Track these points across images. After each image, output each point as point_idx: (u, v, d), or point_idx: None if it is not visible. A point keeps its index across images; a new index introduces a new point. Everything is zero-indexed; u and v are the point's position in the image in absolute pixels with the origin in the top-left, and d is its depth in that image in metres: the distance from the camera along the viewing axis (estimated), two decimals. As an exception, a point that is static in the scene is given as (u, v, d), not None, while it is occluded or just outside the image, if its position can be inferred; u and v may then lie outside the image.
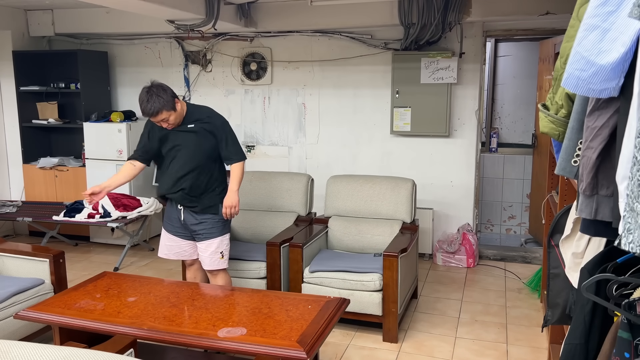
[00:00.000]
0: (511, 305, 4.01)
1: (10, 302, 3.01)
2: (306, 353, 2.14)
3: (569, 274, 2.04)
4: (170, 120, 3.08)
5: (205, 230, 3.24)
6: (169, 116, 3.05)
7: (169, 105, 3.01)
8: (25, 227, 5.77)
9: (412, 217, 3.99)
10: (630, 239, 1.12)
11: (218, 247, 3.26)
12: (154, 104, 2.98)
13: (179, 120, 3.12)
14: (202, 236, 3.25)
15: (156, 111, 2.99)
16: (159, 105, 2.98)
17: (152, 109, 2.98)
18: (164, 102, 2.99)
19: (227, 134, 3.23)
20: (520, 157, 5.99)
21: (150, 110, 2.99)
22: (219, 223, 3.26)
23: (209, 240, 3.25)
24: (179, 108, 3.08)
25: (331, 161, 5.32)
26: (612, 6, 1.19)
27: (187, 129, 3.16)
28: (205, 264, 3.30)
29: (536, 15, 4.29)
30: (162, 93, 3.00)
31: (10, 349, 1.51)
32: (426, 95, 4.80)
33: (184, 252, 3.39)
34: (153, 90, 3.00)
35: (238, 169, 3.25)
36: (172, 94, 3.07)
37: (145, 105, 3.00)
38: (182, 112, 3.14)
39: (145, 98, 3.00)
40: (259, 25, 5.00)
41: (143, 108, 3.02)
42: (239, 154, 3.27)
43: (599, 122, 1.34)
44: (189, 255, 3.40)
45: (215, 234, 3.25)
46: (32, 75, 5.66)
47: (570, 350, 1.64)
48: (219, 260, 3.28)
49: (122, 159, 5.27)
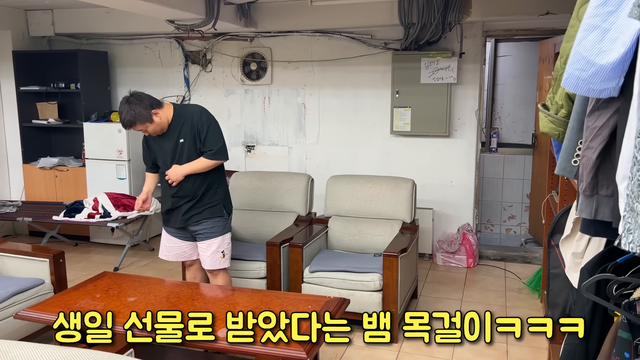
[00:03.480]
0: (511, 305, 4.00)
1: (10, 302, 3.01)
2: (306, 353, 2.14)
3: (569, 274, 2.04)
4: (149, 130, 3.09)
5: (206, 230, 3.23)
6: (145, 127, 3.07)
7: (142, 119, 3.02)
8: (25, 227, 5.77)
9: (412, 217, 3.99)
10: (630, 239, 1.12)
11: (219, 247, 3.26)
12: (126, 116, 3.02)
13: (160, 129, 3.12)
14: (203, 236, 3.25)
15: (129, 124, 3.04)
16: (130, 118, 3.02)
17: (125, 121, 3.04)
18: (136, 115, 3.00)
19: (211, 132, 3.16)
20: (520, 157, 5.99)
21: (124, 123, 3.05)
22: (219, 223, 3.25)
23: (210, 240, 3.24)
24: (157, 119, 3.06)
25: (331, 161, 5.32)
26: (612, 6, 1.19)
27: (177, 143, 3.14)
28: (206, 263, 3.29)
29: (536, 15, 4.29)
30: (135, 106, 3.00)
31: (10, 349, 1.50)
32: (426, 95, 4.80)
33: (184, 254, 3.39)
34: (130, 101, 3.02)
35: (205, 160, 3.15)
36: (151, 104, 3.05)
37: (120, 117, 3.06)
38: (166, 119, 3.11)
39: (121, 110, 3.04)
40: (259, 25, 5.00)
41: (120, 119, 3.06)
42: (218, 153, 3.17)
43: (599, 122, 1.34)
44: (189, 256, 3.40)
45: (216, 233, 3.24)
46: (32, 75, 5.66)
47: (570, 350, 1.65)
48: (220, 260, 3.28)
49: (122, 159, 5.28)
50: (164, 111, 3.11)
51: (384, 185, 4.03)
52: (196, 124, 3.14)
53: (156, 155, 3.26)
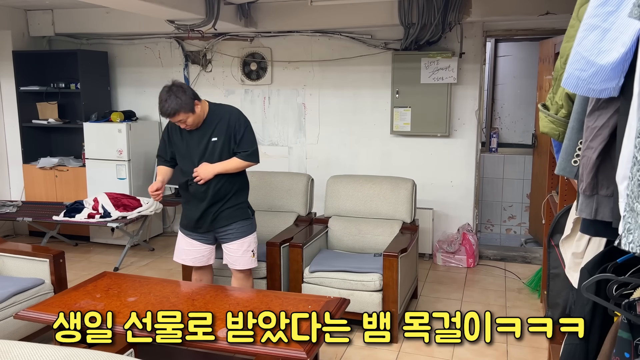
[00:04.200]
0: (511, 305, 4.00)
1: (10, 302, 3.01)
2: (306, 353, 2.14)
3: (569, 274, 2.04)
4: (188, 122, 3.01)
5: (235, 231, 3.17)
6: (187, 118, 2.99)
7: (187, 107, 2.95)
8: (25, 227, 5.77)
9: (412, 217, 3.99)
10: (630, 239, 1.12)
11: (250, 246, 3.23)
12: (172, 104, 2.92)
13: (197, 122, 3.06)
14: (232, 236, 3.18)
15: (173, 112, 2.93)
16: (176, 107, 2.92)
17: (169, 109, 2.93)
18: (182, 104, 2.93)
19: (247, 134, 3.14)
20: (520, 157, 5.99)
21: (167, 111, 2.93)
22: (248, 222, 3.22)
23: (241, 240, 3.19)
24: (198, 110, 3.01)
25: (331, 161, 5.32)
26: (612, 6, 1.19)
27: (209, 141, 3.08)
28: (239, 264, 3.21)
29: (536, 15, 4.29)
30: (181, 94, 2.94)
31: (10, 349, 1.51)
32: (426, 95, 4.80)
33: (202, 258, 3.29)
34: (173, 90, 2.94)
35: (238, 161, 3.13)
36: (192, 95, 3.00)
37: (162, 104, 2.94)
38: (203, 114, 3.07)
39: (164, 97, 2.94)
40: (259, 25, 5.00)
41: (161, 107, 2.95)
42: (252, 155, 3.17)
43: (599, 122, 1.34)
44: (207, 260, 3.30)
45: (247, 232, 3.21)
46: (32, 75, 5.66)
47: (570, 350, 1.65)
48: (251, 259, 3.24)
49: (122, 159, 5.28)
50: (203, 105, 3.07)
51: (384, 185, 4.03)
52: (233, 124, 3.10)
53: (179, 150, 3.16)
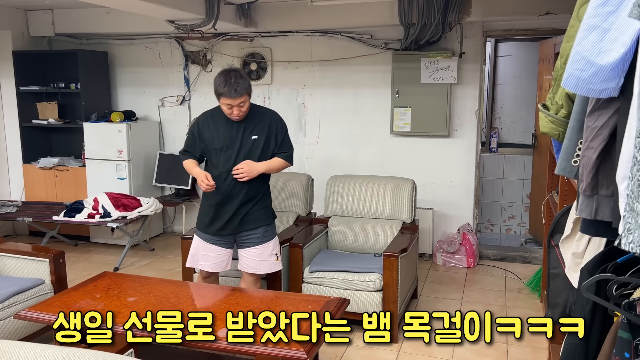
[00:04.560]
0: (511, 305, 4.00)
1: (10, 302, 3.02)
2: (306, 353, 2.14)
3: (569, 274, 2.04)
4: (244, 110, 2.98)
5: (260, 234, 3.13)
6: (245, 101, 2.96)
7: (250, 90, 2.97)
8: (25, 227, 5.77)
9: (412, 217, 3.99)
10: (630, 239, 1.12)
11: (274, 249, 3.20)
12: (243, 83, 2.90)
13: (245, 113, 3.02)
14: (257, 240, 3.13)
15: (242, 91, 2.89)
16: (245, 85, 2.92)
17: (239, 87, 2.87)
18: (249, 85, 2.95)
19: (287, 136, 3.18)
20: (520, 157, 5.99)
21: (237, 89, 2.87)
22: (272, 226, 3.20)
23: (266, 244, 3.15)
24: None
25: (331, 161, 5.32)
26: (612, 6, 1.19)
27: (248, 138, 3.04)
28: (262, 268, 3.16)
29: (536, 15, 4.29)
30: (245, 77, 2.96)
31: (10, 349, 1.51)
32: (426, 95, 4.80)
33: (222, 263, 3.18)
34: (239, 72, 2.95)
35: (280, 161, 3.13)
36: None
37: (231, 83, 2.86)
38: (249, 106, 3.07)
39: (232, 76, 2.89)
40: (259, 25, 5.00)
41: (229, 86, 2.86)
42: (291, 157, 3.19)
43: (599, 122, 1.34)
44: (224, 266, 3.21)
45: (271, 235, 3.19)
46: (32, 75, 5.66)
47: (570, 350, 1.65)
48: (275, 262, 3.20)
49: (122, 159, 5.28)
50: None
51: (384, 185, 4.03)
52: (275, 125, 3.11)
53: (214, 144, 3.06)
